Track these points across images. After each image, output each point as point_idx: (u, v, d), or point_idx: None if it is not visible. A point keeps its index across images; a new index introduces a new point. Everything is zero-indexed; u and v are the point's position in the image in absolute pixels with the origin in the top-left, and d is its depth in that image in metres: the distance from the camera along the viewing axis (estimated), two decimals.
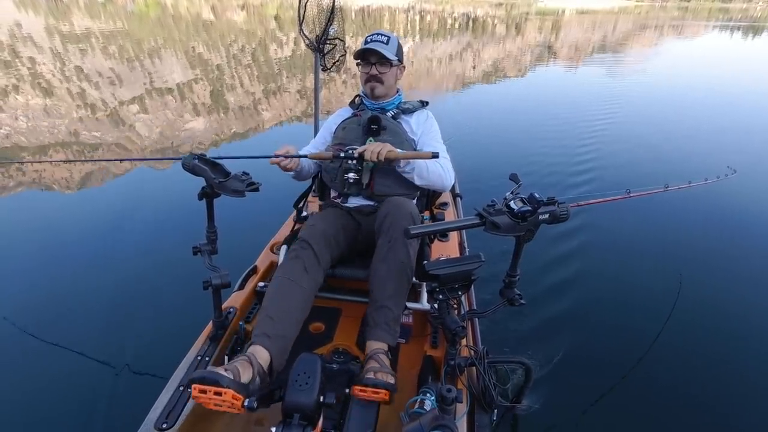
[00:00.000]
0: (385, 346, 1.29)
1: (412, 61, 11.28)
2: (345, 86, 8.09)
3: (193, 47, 11.49)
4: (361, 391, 1.13)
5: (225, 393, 0.96)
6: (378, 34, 1.62)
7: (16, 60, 8.69)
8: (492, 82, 9.05)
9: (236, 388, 0.98)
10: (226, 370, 1.02)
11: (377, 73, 1.61)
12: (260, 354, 1.15)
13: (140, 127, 5.53)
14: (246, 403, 0.99)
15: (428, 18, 25.23)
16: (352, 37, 14.67)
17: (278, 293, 1.30)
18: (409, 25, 21.41)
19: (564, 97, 7.87)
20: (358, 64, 1.65)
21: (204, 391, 0.96)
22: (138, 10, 22.09)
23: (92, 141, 4.73)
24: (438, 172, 1.53)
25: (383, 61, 1.60)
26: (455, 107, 7.04)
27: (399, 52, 1.66)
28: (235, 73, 8.71)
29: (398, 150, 1.45)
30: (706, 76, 10.46)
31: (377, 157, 1.40)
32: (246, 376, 1.06)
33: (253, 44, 12.68)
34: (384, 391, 1.13)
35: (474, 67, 10.80)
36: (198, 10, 23.56)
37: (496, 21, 25.49)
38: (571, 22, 27.42)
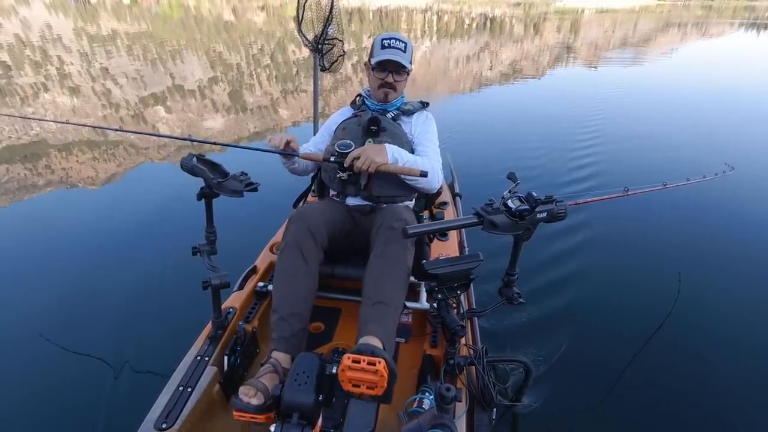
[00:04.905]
0: (379, 344, 1.16)
1: (429, 62, 11.27)
2: (361, 86, 8.14)
3: (214, 48, 11.73)
4: (353, 362, 0.99)
5: (258, 417, 1.09)
6: (395, 39, 1.60)
7: (46, 61, 9.02)
8: (505, 82, 9.00)
9: (265, 410, 1.10)
10: (257, 392, 1.11)
11: (393, 81, 1.62)
12: (282, 359, 1.24)
13: (161, 126, 5.69)
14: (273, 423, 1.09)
15: (446, 18, 25.12)
16: (369, 37, 14.75)
17: (283, 291, 1.34)
18: (426, 25, 21.36)
19: (567, 96, 7.81)
20: (372, 68, 1.64)
21: (242, 416, 1.10)
22: (162, 12, 22.64)
23: (115, 138, 4.88)
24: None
25: (400, 69, 1.60)
26: (463, 107, 7.05)
27: (412, 57, 1.67)
28: (254, 74, 8.86)
29: (389, 162, 1.44)
30: (710, 74, 10.29)
31: (367, 170, 1.41)
32: (272, 384, 1.15)
33: (272, 45, 12.86)
34: (381, 360, 0.99)
35: (491, 68, 10.73)
36: (219, 11, 24.01)
37: (513, 21, 25.22)
38: (590, 22, 26.92)
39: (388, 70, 1.60)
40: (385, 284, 1.28)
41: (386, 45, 1.59)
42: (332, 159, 1.47)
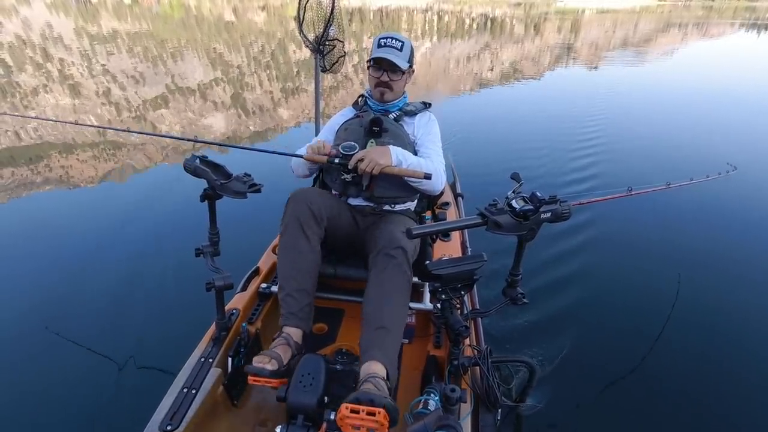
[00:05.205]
0: (382, 370, 1.15)
1: (430, 62, 11.27)
2: (362, 87, 8.15)
3: (214, 48, 11.73)
4: (351, 412, 0.97)
5: (271, 381, 1.16)
6: (392, 38, 1.59)
7: (47, 61, 9.02)
8: (506, 82, 9.01)
9: (279, 376, 1.17)
10: (271, 359, 1.19)
11: (388, 80, 1.61)
12: (293, 333, 1.31)
13: (162, 126, 5.69)
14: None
15: (446, 18, 25.12)
16: (369, 37, 14.76)
17: (287, 269, 1.38)
18: (426, 25, 21.36)
19: (568, 96, 7.82)
20: (368, 67, 1.65)
21: (257, 380, 1.16)
22: (163, 12, 22.66)
23: (115, 139, 4.88)
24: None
25: (395, 68, 1.59)
26: (464, 107, 7.07)
27: (411, 56, 1.65)
28: (255, 74, 8.86)
29: (394, 164, 1.43)
30: (711, 74, 10.36)
31: (372, 171, 1.40)
32: (287, 355, 1.23)
33: (273, 45, 12.87)
34: (381, 410, 0.97)
35: (492, 68, 10.73)
36: (220, 11, 24.02)
37: (514, 21, 25.22)
38: (591, 22, 26.93)
39: (383, 69, 1.60)
40: (385, 310, 1.26)
41: (382, 44, 1.59)
42: (336, 161, 1.47)
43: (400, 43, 1.59)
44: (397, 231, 1.36)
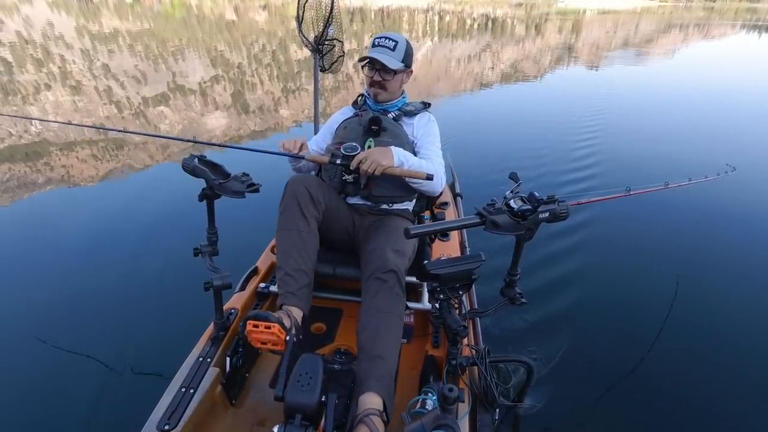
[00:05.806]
0: (380, 403, 1.14)
1: (431, 62, 11.28)
2: (362, 86, 8.14)
3: (215, 47, 11.73)
4: None
5: (273, 326, 1.13)
6: (385, 38, 1.59)
7: (48, 59, 9.03)
8: (507, 82, 9.02)
9: (281, 324, 1.15)
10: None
11: (381, 79, 1.60)
12: (293, 311, 1.31)
13: (163, 125, 5.69)
14: (287, 338, 1.15)
15: (447, 18, 25.12)
16: (370, 37, 14.75)
17: (286, 248, 1.39)
18: (428, 25, 21.35)
19: (568, 96, 7.82)
20: (363, 66, 1.65)
21: (257, 326, 1.13)
22: (164, 11, 22.68)
23: (116, 137, 4.88)
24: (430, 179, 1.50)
25: (386, 68, 1.58)
26: (464, 107, 7.08)
27: (407, 56, 1.62)
28: (255, 73, 8.87)
29: (395, 165, 1.42)
30: (711, 74, 10.38)
31: (374, 172, 1.39)
32: (287, 323, 1.22)
33: (274, 44, 12.87)
34: None
35: (492, 68, 10.72)
36: (221, 10, 24.03)
37: (515, 22, 25.22)
38: (592, 23, 26.92)
39: (376, 68, 1.60)
40: (381, 338, 1.25)
41: (376, 44, 1.59)
42: (338, 162, 1.47)
43: (393, 43, 1.58)
44: (388, 251, 1.35)
